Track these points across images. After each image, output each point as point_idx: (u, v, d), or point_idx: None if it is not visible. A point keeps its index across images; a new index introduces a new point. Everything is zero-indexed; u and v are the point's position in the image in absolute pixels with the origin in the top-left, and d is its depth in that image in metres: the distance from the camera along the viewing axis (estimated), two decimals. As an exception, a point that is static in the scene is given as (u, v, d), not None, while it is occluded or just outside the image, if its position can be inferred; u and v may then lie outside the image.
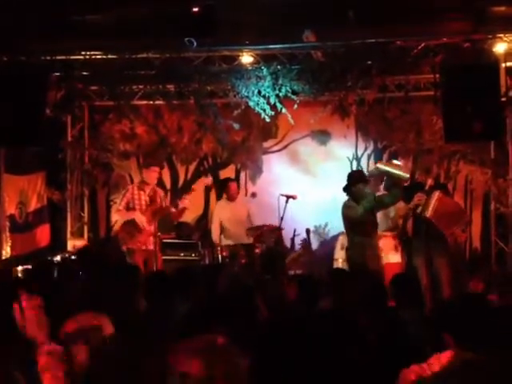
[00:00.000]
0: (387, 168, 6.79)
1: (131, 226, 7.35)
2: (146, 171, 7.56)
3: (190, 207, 7.70)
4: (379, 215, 7.54)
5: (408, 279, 4.78)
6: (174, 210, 7.51)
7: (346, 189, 6.77)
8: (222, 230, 8.20)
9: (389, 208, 7.97)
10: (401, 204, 7.11)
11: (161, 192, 7.78)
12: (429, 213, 6.60)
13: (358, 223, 6.55)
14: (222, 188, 8.05)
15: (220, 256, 7.70)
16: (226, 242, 8.01)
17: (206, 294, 4.47)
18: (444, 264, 6.78)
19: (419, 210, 6.88)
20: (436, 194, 6.62)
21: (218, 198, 8.35)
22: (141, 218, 7.28)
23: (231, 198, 8.16)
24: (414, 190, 6.92)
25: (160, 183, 8.35)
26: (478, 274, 6.55)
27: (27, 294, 3.24)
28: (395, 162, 7.09)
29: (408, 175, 6.78)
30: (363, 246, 6.51)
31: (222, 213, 8.19)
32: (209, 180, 7.82)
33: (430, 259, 6.78)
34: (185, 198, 7.46)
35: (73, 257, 8.20)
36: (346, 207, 6.68)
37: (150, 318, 3.91)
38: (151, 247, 7.27)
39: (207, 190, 9.20)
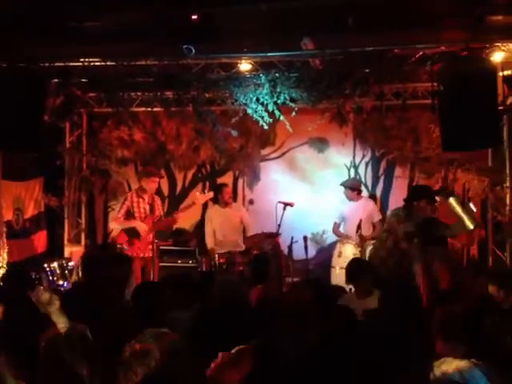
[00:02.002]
0: (456, 208, 6.73)
1: (131, 233, 7.37)
2: (146, 181, 7.56)
3: (185, 218, 7.75)
4: (364, 220, 7.60)
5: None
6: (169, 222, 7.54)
7: (406, 200, 6.78)
8: (214, 236, 8.19)
9: (373, 213, 8.06)
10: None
11: (158, 200, 7.79)
12: None
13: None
14: (217, 193, 8.06)
15: (217, 263, 7.68)
16: (217, 248, 7.99)
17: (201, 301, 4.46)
18: (443, 269, 6.79)
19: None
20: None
21: (214, 203, 8.36)
22: (142, 227, 7.30)
23: (225, 204, 8.16)
24: (420, 192, 6.95)
25: (158, 190, 8.35)
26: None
27: None
28: (471, 206, 7.05)
29: (472, 227, 6.70)
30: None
31: (214, 218, 8.19)
32: (210, 194, 7.81)
33: (429, 266, 6.79)
34: (177, 213, 7.50)
35: (70, 263, 8.21)
36: (394, 215, 6.71)
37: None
38: (149, 254, 7.28)
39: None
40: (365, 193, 8.68)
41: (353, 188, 8.16)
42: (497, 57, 6.87)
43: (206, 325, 3.33)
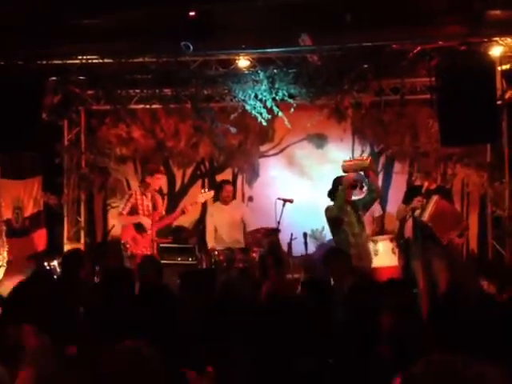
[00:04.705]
0: (347, 164, 6.88)
1: (136, 230, 7.39)
2: (151, 178, 7.57)
3: (184, 215, 7.79)
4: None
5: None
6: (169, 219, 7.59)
7: (330, 194, 6.90)
8: (215, 233, 8.19)
9: (373, 207, 8.03)
10: (399, 206, 7.15)
11: (159, 198, 7.82)
12: (426, 217, 6.63)
13: (336, 223, 6.76)
14: (217, 190, 8.06)
15: (217, 260, 7.68)
16: (218, 246, 7.99)
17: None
18: (442, 267, 6.79)
19: (417, 213, 6.91)
20: (434, 199, 6.65)
21: (215, 200, 8.36)
22: (146, 221, 7.33)
23: (225, 201, 8.16)
24: (414, 193, 6.96)
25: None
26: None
27: None
28: (358, 157, 7.18)
29: (367, 161, 6.85)
30: (346, 246, 6.63)
31: (215, 216, 8.19)
32: (210, 194, 7.84)
33: (428, 262, 6.79)
34: (187, 208, 7.58)
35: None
36: (326, 210, 6.83)
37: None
38: (149, 252, 7.29)
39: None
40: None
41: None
42: (495, 51, 6.87)
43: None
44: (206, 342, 2.87)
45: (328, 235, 8.74)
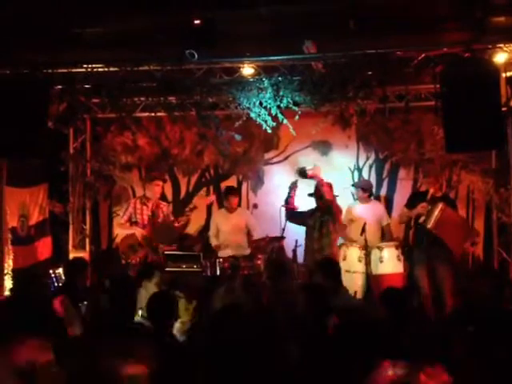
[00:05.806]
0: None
1: (132, 240, 7.40)
2: (149, 185, 7.62)
3: (192, 220, 7.80)
4: (370, 223, 7.57)
5: None
6: (176, 224, 7.59)
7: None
8: (217, 238, 8.22)
9: (380, 216, 8.01)
10: (402, 210, 7.14)
11: (164, 206, 7.83)
12: (431, 224, 6.63)
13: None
14: (224, 197, 8.10)
15: (221, 268, 7.67)
16: (222, 253, 8.01)
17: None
18: (448, 273, 6.77)
19: (421, 219, 6.90)
20: (439, 206, 6.65)
21: (220, 207, 8.40)
22: (141, 233, 7.34)
23: (229, 210, 8.23)
24: (418, 199, 6.95)
25: (162, 195, 8.39)
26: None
27: None
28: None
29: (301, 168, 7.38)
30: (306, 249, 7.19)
31: (219, 222, 8.23)
32: (212, 198, 7.88)
33: (433, 269, 6.78)
34: (188, 215, 7.57)
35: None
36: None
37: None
38: (148, 260, 7.34)
39: (209, 201, 9.23)
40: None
41: (365, 189, 8.15)
42: (500, 58, 6.87)
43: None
44: (206, 347, 2.88)
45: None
